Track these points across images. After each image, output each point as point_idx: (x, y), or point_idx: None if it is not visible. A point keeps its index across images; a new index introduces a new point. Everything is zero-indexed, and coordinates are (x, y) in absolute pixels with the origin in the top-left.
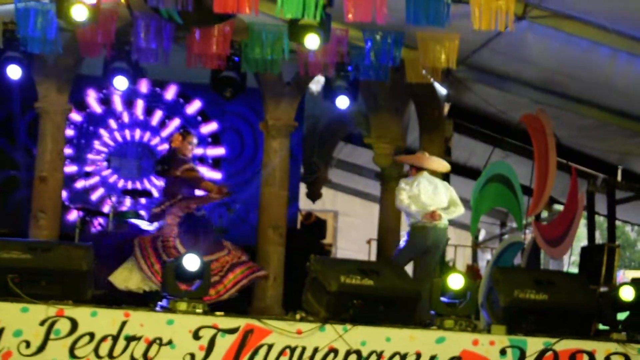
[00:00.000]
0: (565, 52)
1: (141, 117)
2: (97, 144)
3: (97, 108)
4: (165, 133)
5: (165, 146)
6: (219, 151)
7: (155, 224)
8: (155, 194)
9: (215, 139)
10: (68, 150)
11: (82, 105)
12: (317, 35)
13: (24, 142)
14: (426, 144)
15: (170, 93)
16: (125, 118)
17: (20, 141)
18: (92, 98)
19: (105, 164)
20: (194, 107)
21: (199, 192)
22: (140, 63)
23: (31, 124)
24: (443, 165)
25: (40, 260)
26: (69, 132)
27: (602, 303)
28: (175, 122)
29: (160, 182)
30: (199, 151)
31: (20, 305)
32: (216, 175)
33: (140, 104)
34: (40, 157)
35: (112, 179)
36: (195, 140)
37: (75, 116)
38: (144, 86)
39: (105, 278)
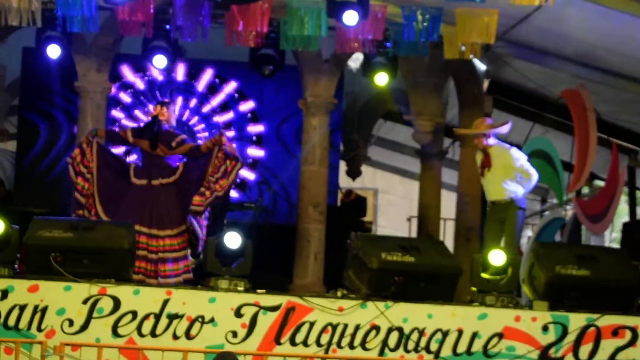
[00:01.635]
0: (605, 26)
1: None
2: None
3: (140, 85)
4: (206, 109)
5: (202, 127)
6: (259, 128)
7: None
8: None
9: (253, 117)
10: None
11: (124, 86)
12: (356, 12)
13: (64, 122)
14: (466, 121)
15: (206, 77)
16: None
17: (60, 121)
18: (136, 78)
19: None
20: (230, 86)
21: None
22: (179, 41)
23: (71, 105)
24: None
25: (83, 239)
26: (117, 114)
27: None
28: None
29: None
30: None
31: (63, 283)
32: (259, 152)
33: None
34: (80, 136)
35: None
36: (175, 107)
37: (125, 97)
38: (180, 72)
39: None
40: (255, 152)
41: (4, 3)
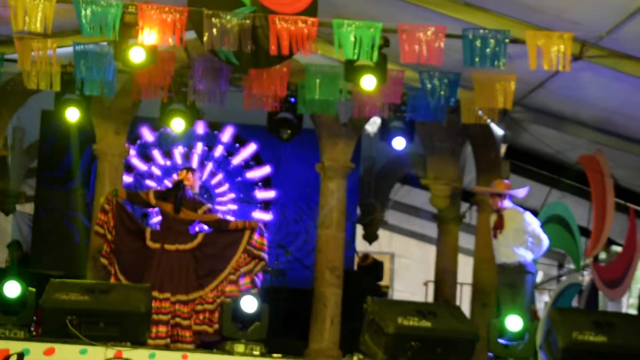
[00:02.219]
0: (623, 92)
1: (196, 162)
2: (154, 186)
3: (160, 160)
4: (216, 180)
5: (226, 187)
6: (270, 194)
7: None
8: None
9: (266, 182)
10: None
11: (144, 155)
12: (374, 76)
13: (82, 187)
14: (483, 185)
15: (226, 135)
16: (179, 160)
17: (78, 184)
18: (155, 151)
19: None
20: (248, 150)
21: None
22: (197, 105)
23: (89, 168)
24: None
25: (99, 301)
26: (128, 179)
27: None
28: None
29: None
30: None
31: (79, 347)
32: (267, 216)
33: (199, 147)
34: (98, 199)
35: None
36: (199, 174)
37: (140, 164)
38: (200, 128)
39: None
40: (266, 216)
41: (24, 67)
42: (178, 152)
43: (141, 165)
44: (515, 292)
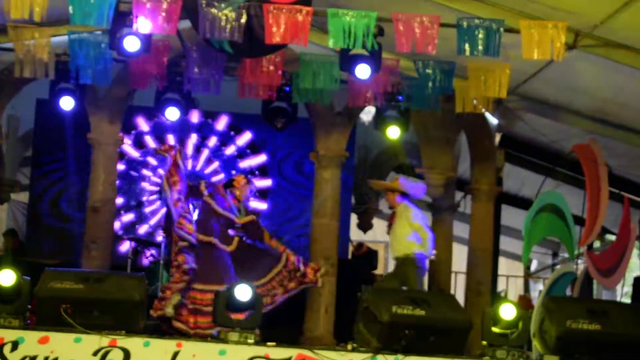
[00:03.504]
0: (617, 81)
1: (190, 151)
2: (149, 175)
3: (151, 143)
4: (211, 168)
5: (221, 176)
6: (266, 182)
7: None
8: None
9: (263, 171)
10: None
11: (139, 143)
12: (368, 65)
13: (76, 174)
14: (477, 174)
15: (221, 124)
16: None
17: (73, 173)
18: (148, 137)
19: (154, 196)
20: (244, 138)
21: None
22: (192, 94)
23: (83, 157)
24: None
25: (93, 290)
26: (120, 167)
27: None
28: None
29: None
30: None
31: (73, 335)
32: (262, 205)
33: (194, 137)
34: (92, 188)
35: (162, 212)
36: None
37: (132, 151)
38: (195, 116)
39: None
40: (260, 205)
41: (18, 55)
42: (172, 139)
43: (135, 153)
44: (407, 284)
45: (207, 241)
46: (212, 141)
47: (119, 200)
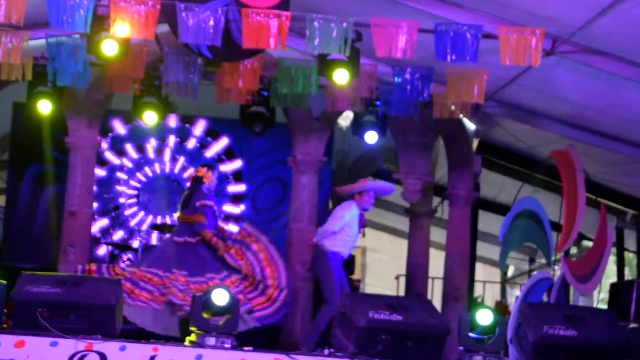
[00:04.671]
0: (595, 87)
1: (167, 157)
2: (125, 179)
3: (133, 154)
4: (188, 172)
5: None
6: (240, 188)
7: None
8: None
9: (237, 176)
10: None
11: (120, 150)
12: (347, 70)
13: (54, 177)
14: (455, 180)
15: (199, 129)
16: (151, 153)
17: (50, 176)
18: (129, 148)
19: (133, 200)
20: (220, 144)
21: None
22: (170, 98)
23: (61, 161)
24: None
25: (70, 294)
26: (100, 172)
27: (632, 339)
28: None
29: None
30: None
31: (49, 339)
32: (236, 209)
33: (172, 139)
34: (69, 192)
35: (140, 215)
36: (216, 173)
37: (113, 158)
38: (173, 121)
39: None
40: (237, 209)
41: None
42: (150, 146)
43: (114, 159)
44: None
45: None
46: (191, 143)
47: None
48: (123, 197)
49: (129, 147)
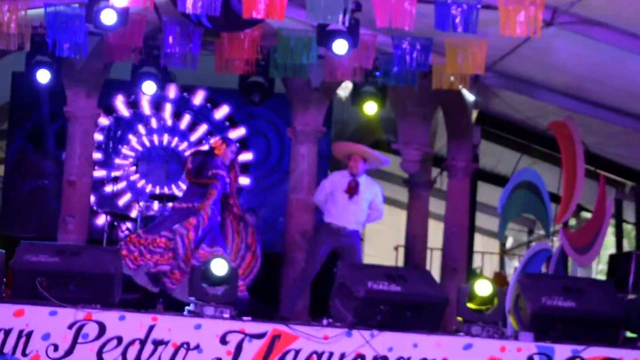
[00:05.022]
0: (594, 58)
1: (169, 122)
2: (125, 149)
3: (124, 112)
4: (193, 138)
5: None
6: (247, 156)
7: None
8: None
9: (243, 144)
10: (97, 155)
11: (110, 110)
12: (345, 41)
13: (52, 149)
14: (454, 151)
15: (198, 98)
16: (154, 123)
17: (49, 148)
18: (120, 102)
19: (133, 168)
20: (221, 112)
21: None
22: (169, 68)
23: (60, 131)
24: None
25: (69, 263)
26: (98, 137)
27: (630, 311)
28: (203, 128)
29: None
30: None
31: (48, 308)
32: (244, 180)
33: (168, 108)
34: (68, 162)
35: (140, 183)
36: (234, 148)
37: (104, 120)
38: (172, 91)
39: None
40: (241, 179)
41: None
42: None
43: (126, 112)
44: (353, 255)
45: None
46: (187, 119)
47: (100, 173)
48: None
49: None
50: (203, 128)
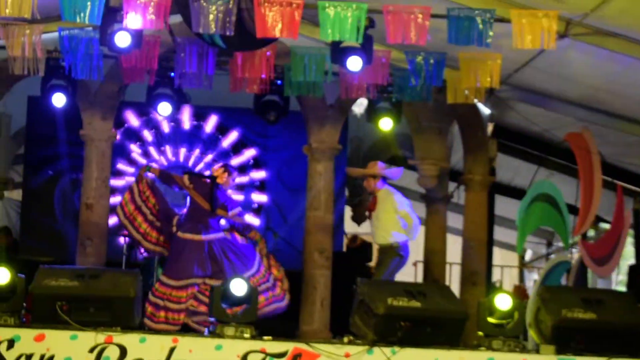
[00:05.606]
0: (609, 69)
1: (182, 158)
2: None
3: (148, 137)
4: (198, 168)
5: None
6: (261, 174)
7: None
8: None
9: (259, 163)
10: (120, 182)
11: (135, 136)
12: (360, 58)
13: (69, 171)
14: (470, 165)
15: (209, 125)
16: (169, 153)
17: (66, 169)
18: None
19: None
20: (229, 139)
21: None
22: (184, 88)
23: (76, 152)
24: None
25: (88, 287)
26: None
27: None
28: (208, 158)
29: None
30: (244, 179)
31: (69, 332)
32: (262, 197)
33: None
34: (85, 184)
35: None
36: (235, 175)
37: (135, 148)
38: (186, 121)
39: None
40: (258, 197)
41: (9, 52)
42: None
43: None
44: (377, 269)
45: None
46: (197, 150)
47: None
48: None
49: (149, 137)
50: (208, 158)
